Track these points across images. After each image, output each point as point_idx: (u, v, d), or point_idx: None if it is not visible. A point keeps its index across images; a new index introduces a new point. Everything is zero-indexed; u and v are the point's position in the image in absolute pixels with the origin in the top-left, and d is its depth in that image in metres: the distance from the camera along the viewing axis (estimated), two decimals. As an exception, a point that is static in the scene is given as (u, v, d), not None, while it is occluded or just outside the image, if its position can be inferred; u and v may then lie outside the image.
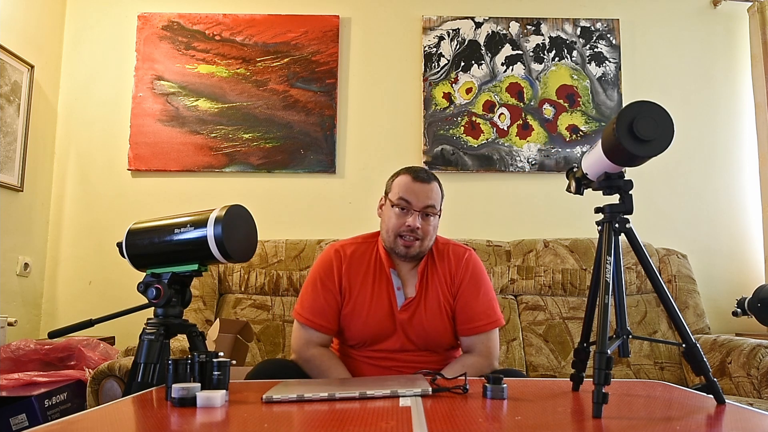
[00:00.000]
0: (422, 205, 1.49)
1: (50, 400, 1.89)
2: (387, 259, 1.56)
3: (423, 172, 1.54)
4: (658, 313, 2.44)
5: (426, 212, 1.50)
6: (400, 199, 1.50)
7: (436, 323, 1.52)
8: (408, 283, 1.55)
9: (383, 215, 1.57)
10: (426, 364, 1.50)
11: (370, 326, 1.51)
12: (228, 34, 2.82)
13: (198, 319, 2.33)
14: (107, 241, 2.59)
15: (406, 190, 1.50)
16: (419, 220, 1.48)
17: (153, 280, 1.25)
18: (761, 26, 2.75)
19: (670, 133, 0.92)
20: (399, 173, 1.56)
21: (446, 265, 1.57)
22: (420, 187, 1.50)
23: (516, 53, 2.85)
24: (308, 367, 1.49)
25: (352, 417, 0.87)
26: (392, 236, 1.51)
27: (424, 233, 1.49)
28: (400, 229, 1.49)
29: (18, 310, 2.49)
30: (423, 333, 1.52)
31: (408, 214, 1.49)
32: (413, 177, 1.51)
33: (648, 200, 2.76)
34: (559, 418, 0.90)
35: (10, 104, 2.47)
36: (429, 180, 1.52)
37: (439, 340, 1.54)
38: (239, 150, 2.76)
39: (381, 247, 1.59)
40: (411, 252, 1.50)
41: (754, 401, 1.90)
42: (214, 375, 1.03)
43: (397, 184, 1.53)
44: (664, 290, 1.04)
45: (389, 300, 1.52)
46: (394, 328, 1.51)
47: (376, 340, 1.52)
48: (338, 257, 1.57)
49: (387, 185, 1.58)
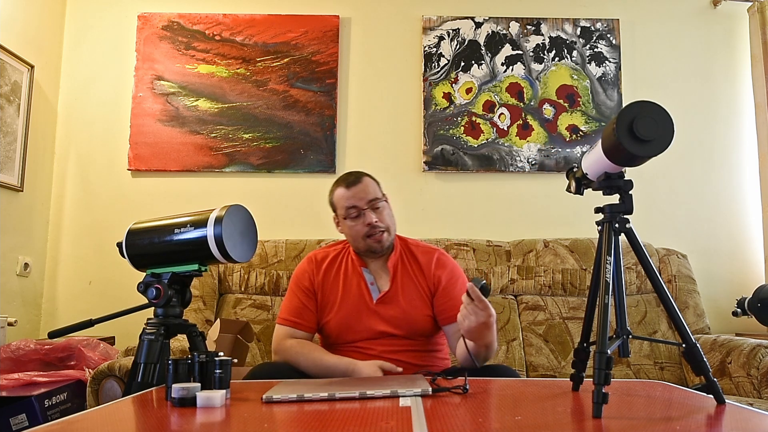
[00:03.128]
0: (365, 201, 1.59)
1: (50, 400, 1.89)
2: (358, 259, 1.65)
3: (350, 175, 1.64)
4: (658, 313, 2.44)
5: (374, 206, 1.60)
6: (347, 209, 1.60)
7: (415, 309, 1.59)
8: (380, 279, 1.64)
9: (344, 230, 1.66)
10: (407, 350, 1.57)
11: (347, 321, 1.59)
12: (228, 34, 2.82)
13: (198, 319, 2.33)
14: (107, 241, 2.59)
15: (346, 199, 1.60)
16: (373, 215, 1.58)
17: (153, 280, 1.25)
18: (761, 26, 2.75)
19: (670, 133, 0.92)
20: (333, 190, 1.66)
21: (419, 260, 1.65)
22: (355, 189, 1.60)
23: (516, 53, 2.85)
24: (288, 355, 1.54)
25: (352, 417, 0.87)
26: (361, 241, 1.60)
27: (383, 222, 1.59)
28: (363, 231, 1.58)
29: (18, 310, 2.49)
30: (404, 319, 1.58)
31: (360, 215, 1.59)
32: (345, 186, 1.62)
33: (648, 200, 2.76)
34: (559, 418, 0.90)
35: (10, 104, 2.47)
36: (359, 179, 1.62)
37: (420, 325, 1.60)
38: (239, 150, 2.76)
39: (352, 251, 1.68)
40: (384, 244, 1.60)
41: (754, 401, 1.90)
42: (216, 373, 1.03)
43: (337, 198, 1.64)
44: (664, 290, 1.04)
45: (363, 295, 1.60)
46: (371, 321, 1.58)
47: (354, 332, 1.59)
48: (311, 263, 1.68)
49: (330, 204, 1.68)
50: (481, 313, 1.25)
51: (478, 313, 1.25)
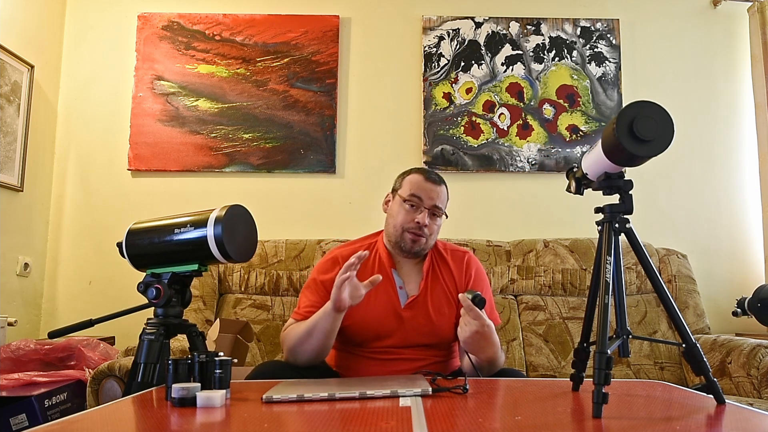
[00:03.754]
0: (431, 203, 1.54)
1: (50, 400, 1.89)
2: (388, 259, 1.57)
3: (434, 174, 1.59)
4: (658, 313, 2.44)
5: (434, 212, 1.54)
6: (411, 195, 1.54)
7: (443, 318, 1.53)
8: (410, 282, 1.56)
9: (390, 210, 1.60)
10: (427, 358, 1.52)
11: (371, 324, 1.51)
12: (228, 34, 2.82)
13: (198, 319, 2.33)
14: (107, 241, 2.59)
15: (418, 187, 1.54)
16: (427, 217, 1.52)
17: (153, 280, 1.25)
18: (761, 26, 2.75)
19: (670, 133, 0.92)
20: (411, 171, 1.60)
21: (449, 265, 1.60)
22: (431, 186, 1.55)
23: (516, 53, 2.85)
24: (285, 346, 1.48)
25: (352, 417, 0.87)
26: (399, 230, 1.54)
27: (429, 231, 1.54)
28: (408, 224, 1.53)
29: (18, 310, 2.49)
30: (430, 328, 1.52)
31: (417, 210, 1.53)
32: (425, 177, 1.56)
33: (648, 200, 2.76)
34: (559, 418, 0.90)
35: (10, 104, 2.47)
36: (440, 182, 1.58)
37: (445, 335, 1.54)
38: (239, 150, 2.76)
39: (382, 247, 1.60)
40: (416, 247, 1.53)
41: (754, 401, 1.90)
42: (216, 373, 1.03)
43: (409, 181, 1.57)
44: (664, 290, 1.04)
45: (391, 299, 1.53)
46: (397, 326, 1.51)
47: (378, 337, 1.52)
48: (335, 261, 1.57)
49: (396, 182, 1.62)
50: (473, 322, 1.24)
51: (471, 323, 1.25)
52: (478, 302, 1.24)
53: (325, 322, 1.38)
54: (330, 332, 1.40)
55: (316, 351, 1.42)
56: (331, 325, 1.38)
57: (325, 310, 1.37)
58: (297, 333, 1.44)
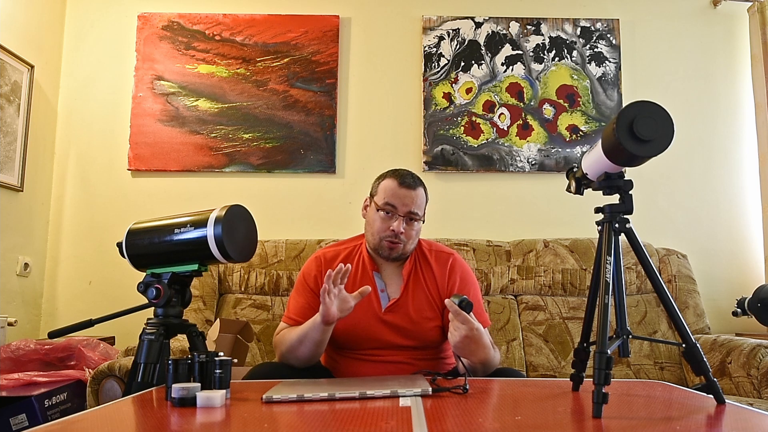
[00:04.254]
0: (406, 210, 1.51)
1: (50, 400, 1.89)
2: (370, 261, 1.58)
3: (409, 177, 1.55)
4: (658, 313, 2.44)
5: (410, 217, 1.52)
6: (385, 203, 1.52)
7: (424, 319, 1.53)
8: (392, 285, 1.57)
9: (368, 217, 1.59)
10: (415, 359, 1.52)
11: (353, 329, 1.51)
12: (228, 34, 2.82)
13: (198, 319, 2.33)
14: (107, 241, 2.59)
15: (392, 194, 1.52)
16: (403, 225, 1.50)
17: (153, 280, 1.25)
18: (761, 26, 2.75)
19: (670, 133, 0.92)
20: (385, 176, 1.57)
21: (433, 268, 1.59)
22: (405, 192, 1.51)
23: (516, 53, 2.85)
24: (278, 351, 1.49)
25: (352, 417, 0.87)
26: (377, 238, 1.53)
27: (407, 237, 1.52)
28: (384, 233, 1.51)
29: (18, 310, 2.49)
30: (412, 331, 1.52)
31: (392, 218, 1.51)
32: (399, 182, 1.52)
33: (648, 200, 2.76)
34: (559, 418, 0.90)
35: (10, 104, 2.47)
36: (415, 186, 1.53)
37: (428, 337, 1.54)
38: (239, 150, 2.76)
39: (365, 250, 1.61)
40: (394, 253, 1.53)
41: (754, 401, 1.90)
42: (216, 373, 1.03)
43: (383, 188, 1.54)
44: (664, 290, 1.04)
45: (371, 303, 1.52)
46: (378, 330, 1.52)
47: (361, 341, 1.52)
48: (318, 263, 1.59)
49: (373, 187, 1.60)
50: (462, 327, 1.24)
51: (460, 328, 1.24)
52: (465, 306, 1.23)
53: (315, 333, 1.39)
54: (320, 342, 1.41)
55: (307, 357, 1.44)
56: (320, 336, 1.39)
57: (315, 321, 1.38)
58: (289, 340, 1.45)
